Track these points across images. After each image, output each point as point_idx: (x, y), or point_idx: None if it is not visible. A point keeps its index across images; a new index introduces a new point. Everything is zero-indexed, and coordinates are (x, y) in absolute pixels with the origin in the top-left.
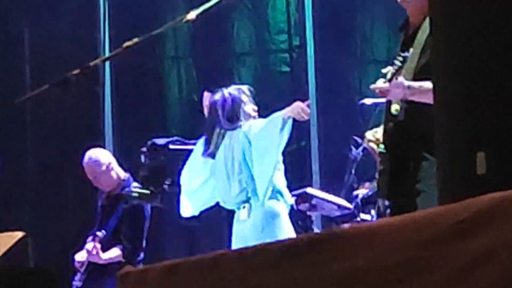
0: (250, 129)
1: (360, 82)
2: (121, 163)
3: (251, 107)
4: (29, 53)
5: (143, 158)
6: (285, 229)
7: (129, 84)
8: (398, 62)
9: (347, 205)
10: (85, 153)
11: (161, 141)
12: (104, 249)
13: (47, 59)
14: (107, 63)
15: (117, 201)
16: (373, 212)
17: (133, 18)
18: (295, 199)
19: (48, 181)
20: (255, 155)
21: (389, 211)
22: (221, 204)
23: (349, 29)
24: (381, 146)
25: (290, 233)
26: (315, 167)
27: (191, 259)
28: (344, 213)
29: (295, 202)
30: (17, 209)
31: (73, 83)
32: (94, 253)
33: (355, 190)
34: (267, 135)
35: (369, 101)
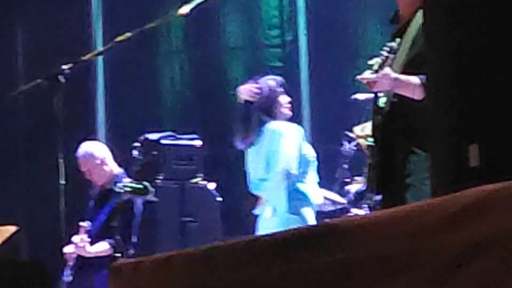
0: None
1: (352, 77)
2: (114, 157)
3: (285, 99)
4: (21, 47)
5: (135, 153)
6: None
7: (121, 78)
8: (384, 52)
9: (340, 200)
10: (78, 147)
11: (153, 136)
12: (93, 243)
13: (39, 53)
14: (100, 58)
15: (109, 195)
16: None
17: (126, 12)
18: None
19: (40, 175)
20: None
21: (379, 205)
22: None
23: (342, 24)
24: (370, 139)
25: None
26: None
27: (184, 252)
28: (337, 208)
29: None
30: (9, 204)
31: (65, 77)
32: (81, 245)
33: (348, 185)
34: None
35: (362, 96)
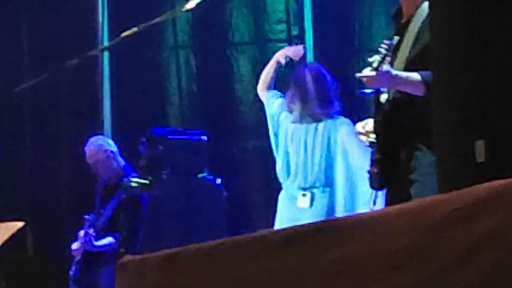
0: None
1: (359, 71)
2: (120, 152)
3: None
4: (27, 42)
5: (141, 148)
6: None
7: (127, 73)
8: (383, 50)
9: None
10: (84, 143)
11: (160, 131)
12: (99, 238)
13: (45, 49)
14: (106, 53)
15: (116, 190)
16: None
17: (132, 7)
18: None
19: (46, 170)
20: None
21: (383, 201)
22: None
23: (348, 18)
24: (372, 136)
25: None
26: None
27: (190, 248)
28: None
29: None
30: (16, 199)
31: (71, 73)
32: (86, 239)
33: None
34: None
35: (369, 90)
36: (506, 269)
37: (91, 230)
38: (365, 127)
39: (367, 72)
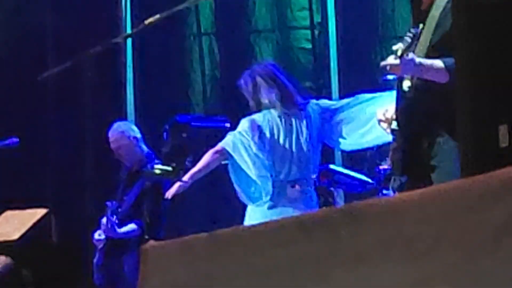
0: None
1: (382, 58)
2: (144, 140)
3: None
4: (51, 30)
5: (165, 135)
6: None
7: (151, 61)
8: (408, 38)
9: (369, 181)
10: (108, 130)
11: (183, 119)
12: (122, 225)
13: (69, 36)
14: (129, 40)
15: (139, 177)
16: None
17: None
18: (317, 175)
19: (70, 158)
20: None
21: (405, 187)
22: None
23: (371, 5)
24: (394, 123)
25: None
26: None
27: (211, 235)
28: (366, 189)
29: (317, 178)
30: (40, 186)
31: (95, 60)
32: (109, 226)
33: (378, 166)
34: None
35: (392, 77)
36: None
37: (113, 217)
38: (385, 114)
39: (391, 60)
